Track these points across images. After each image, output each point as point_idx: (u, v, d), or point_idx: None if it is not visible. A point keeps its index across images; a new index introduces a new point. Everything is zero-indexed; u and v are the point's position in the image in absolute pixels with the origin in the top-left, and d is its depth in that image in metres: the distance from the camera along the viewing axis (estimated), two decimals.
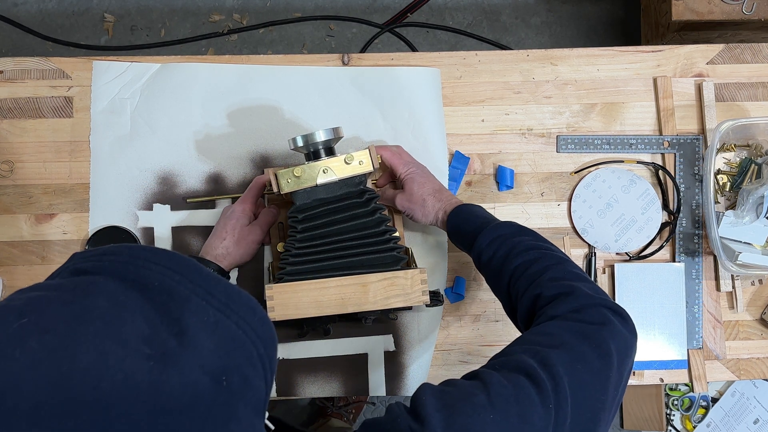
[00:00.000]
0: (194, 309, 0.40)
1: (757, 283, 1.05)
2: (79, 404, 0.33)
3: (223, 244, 0.92)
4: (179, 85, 1.03)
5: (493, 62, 1.06)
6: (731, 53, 1.08)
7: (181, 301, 0.40)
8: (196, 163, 1.03)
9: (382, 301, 0.86)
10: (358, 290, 0.85)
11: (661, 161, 1.06)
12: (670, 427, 1.72)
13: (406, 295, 0.86)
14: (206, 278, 0.42)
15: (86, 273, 0.41)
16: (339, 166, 0.87)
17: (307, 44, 1.89)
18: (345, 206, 0.88)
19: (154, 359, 0.36)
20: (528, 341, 0.63)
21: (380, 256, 0.88)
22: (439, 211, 0.89)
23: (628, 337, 0.65)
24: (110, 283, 0.40)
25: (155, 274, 0.41)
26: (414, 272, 0.86)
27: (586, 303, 0.66)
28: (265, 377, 0.42)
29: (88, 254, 0.43)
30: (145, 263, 0.41)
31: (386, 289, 0.86)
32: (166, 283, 0.40)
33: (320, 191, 0.88)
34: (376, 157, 0.90)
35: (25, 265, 1.01)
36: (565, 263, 0.74)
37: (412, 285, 0.86)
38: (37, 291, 0.39)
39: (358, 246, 0.88)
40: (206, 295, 0.41)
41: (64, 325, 0.36)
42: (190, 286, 0.41)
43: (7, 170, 1.03)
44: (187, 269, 0.42)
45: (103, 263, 0.42)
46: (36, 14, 1.86)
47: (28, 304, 0.37)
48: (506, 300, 0.77)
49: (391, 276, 0.86)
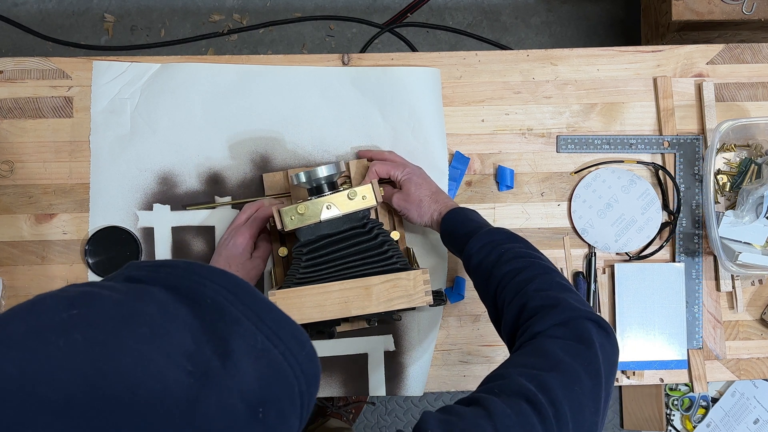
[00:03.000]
0: (242, 332, 0.38)
1: (757, 283, 1.05)
2: (112, 405, 0.32)
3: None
4: (179, 85, 1.03)
5: (493, 62, 1.06)
6: (731, 53, 1.08)
7: (231, 322, 0.39)
8: (196, 163, 1.03)
9: (385, 303, 0.86)
10: (361, 293, 0.85)
11: (661, 161, 1.06)
12: (670, 427, 1.72)
13: (409, 296, 0.86)
14: (259, 302, 0.41)
15: (140, 281, 0.41)
16: (342, 201, 0.88)
17: (307, 44, 1.89)
18: (349, 236, 0.89)
19: (194, 376, 0.35)
20: (523, 363, 0.63)
21: (383, 270, 0.88)
22: (434, 212, 0.90)
23: (612, 353, 0.65)
24: (162, 293, 0.39)
25: (208, 291, 0.40)
26: (416, 273, 0.86)
27: (571, 316, 0.66)
28: (301, 415, 0.41)
29: (144, 264, 0.43)
30: (200, 279, 0.40)
31: (389, 291, 0.86)
32: (218, 301, 0.39)
33: (324, 227, 0.89)
34: (379, 191, 0.91)
35: (25, 265, 1.01)
36: (552, 273, 0.74)
37: (414, 286, 0.86)
38: (91, 287, 0.39)
39: (360, 263, 0.88)
40: (257, 319, 0.40)
41: (112, 324, 0.35)
42: (242, 308, 0.40)
43: (7, 170, 1.03)
44: (241, 291, 0.41)
45: (159, 274, 0.41)
46: (36, 14, 1.86)
47: (81, 297, 0.37)
48: (492, 306, 0.77)
49: (394, 278, 0.86)
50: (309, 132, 1.03)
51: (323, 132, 1.03)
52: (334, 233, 0.89)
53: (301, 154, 1.03)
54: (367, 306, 0.85)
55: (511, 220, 1.05)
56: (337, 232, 0.89)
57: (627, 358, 1.02)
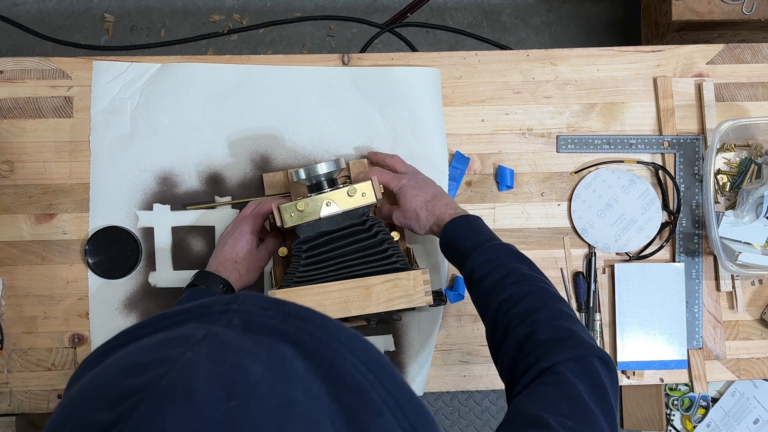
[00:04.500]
0: (383, 426, 0.35)
1: (757, 283, 1.05)
2: None
3: (236, 268, 0.91)
4: (179, 85, 1.03)
5: (493, 62, 1.06)
6: (731, 53, 1.08)
7: (372, 412, 0.35)
8: (196, 163, 1.03)
9: (385, 304, 0.85)
10: (361, 293, 0.85)
11: (661, 161, 1.06)
12: (670, 427, 1.72)
13: (409, 296, 0.86)
14: (400, 388, 0.38)
15: (268, 332, 0.37)
16: (342, 198, 0.87)
17: (307, 44, 1.89)
18: (349, 233, 0.89)
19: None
20: (555, 410, 0.60)
21: (383, 269, 0.88)
22: (432, 225, 0.88)
23: (616, 395, 0.65)
24: (300, 363, 0.35)
25: (349, 367, 0.36)
26: (416, 273, 0.86)
27: (583, 353, 0.66)
28: None
29: (267, 305, 0.39)
30: (339, 347, 0.37)
31: (389, 291, 0.85)
32: (359, 382, 0.36)
33: (324, 224, 0.88)
34: (379, 187, 0.90)
35: (25, 265, 1.01)
36: (560, 302, 0.73)
37: (414, 286, 0.86)
38: (228, 349, 0.34)
39: (360, 262, 0.88)
40: (397, 410, 0.36)
41: (272, 421, 0.32)
42: (383, 394, 0.36)
43: (7, 170, 1.03)
44: (383, 371, 0.37)
45: (288, 326, 0.37)
46: (36, 14, 1.86)
47: (234, 382, 0.33)
48: (491, 323, 0.75)
49: (394, 278, 0.85)
50: (309, 132, 1.03)
51: (323, 132, 1.03)
52: (333, 230, 0.89)
53: (301, 154, 1.03)
54: (367, 306, 0.85)
55: (511, 220, 1.05)
56: (337, 229, 0.89)
57: (627, 358, 1.02)
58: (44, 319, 1.01)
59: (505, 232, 1.04)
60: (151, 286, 1.02)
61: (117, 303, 1.01)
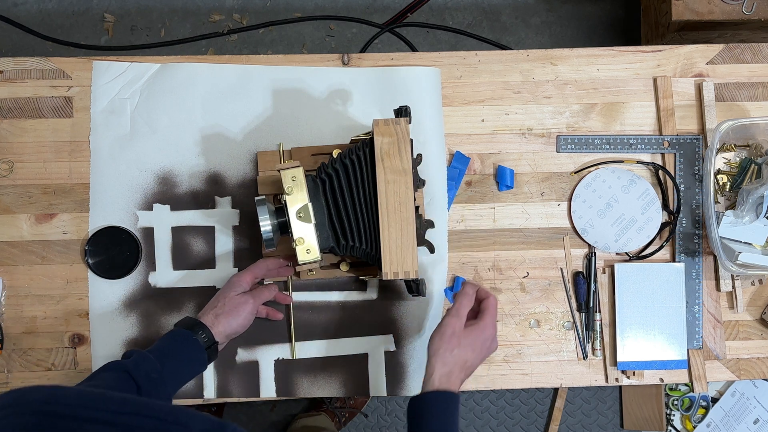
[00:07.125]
0: None
1: (757, 283, 1.05)
2: None
3: (213, 311, 0.90)
4: (179, 85, 1.03)
5: (493, 62, 1.06)
6: (731, 53, 1.08)
7: None
8: (196, 163, 1.03)
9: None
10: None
11: (661, 161, 1.06)
12: (670, 427, 1.72)
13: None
14: None
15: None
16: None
17: (307, 44, 1.89)
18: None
19: None
20: None
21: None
22: (428, 376, 0.82)
23: None
24: None
25: None
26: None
27: None
28: None
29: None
30: None
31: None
32: None
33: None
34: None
35: (25, 265, 1.01)
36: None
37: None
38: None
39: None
40: None
41: None
42: None
43: (7, 170, 1.03)
44: None
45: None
46: (36, 14, 1.86)
47: None
48: None
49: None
50: (309, 132, 1.03)
51: (323, 132, 1.03)
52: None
53: None
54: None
55: (511, 220, 1.05)
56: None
57: (627, 358, 1.02)
58: (44, 319, 1.01)
59: (505, 232, 1.04)
60: (151, 286, 1.02)
61: (117, 303, 1.01)
